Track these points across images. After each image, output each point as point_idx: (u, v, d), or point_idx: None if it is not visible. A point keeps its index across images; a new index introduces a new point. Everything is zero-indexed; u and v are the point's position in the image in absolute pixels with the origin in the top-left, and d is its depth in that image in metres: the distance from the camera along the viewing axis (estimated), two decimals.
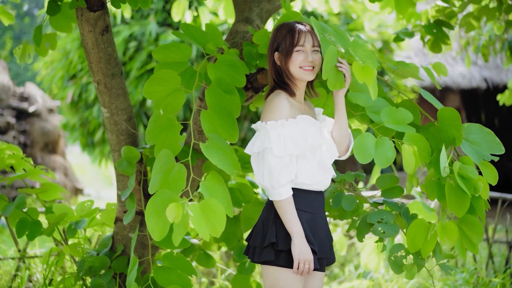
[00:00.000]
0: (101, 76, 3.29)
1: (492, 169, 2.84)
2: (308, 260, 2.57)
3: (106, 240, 3.72)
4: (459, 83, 10.78)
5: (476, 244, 2.86)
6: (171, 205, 2.40)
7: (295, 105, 2.70)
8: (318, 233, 2.70)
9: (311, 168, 2.65)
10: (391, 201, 3.19)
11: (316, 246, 2.64)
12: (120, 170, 3.31)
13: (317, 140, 2.63)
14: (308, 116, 2.67)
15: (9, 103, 11.24)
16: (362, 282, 5.35)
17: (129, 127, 3.43)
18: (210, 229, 2.49)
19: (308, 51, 2.69)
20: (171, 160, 2.61)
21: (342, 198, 3.18)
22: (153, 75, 2.84)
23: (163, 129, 2.80)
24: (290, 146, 2.58)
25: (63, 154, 12.06)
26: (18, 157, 3.87)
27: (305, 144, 2.60)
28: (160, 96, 2.84)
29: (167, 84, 2.83)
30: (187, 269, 3.19)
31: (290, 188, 2.60)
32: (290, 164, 2.59)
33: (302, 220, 2.64)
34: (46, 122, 11.59)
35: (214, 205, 2.49)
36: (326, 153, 2.67)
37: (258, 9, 3.56)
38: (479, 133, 2.89)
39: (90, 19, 3.13)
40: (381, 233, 3.02)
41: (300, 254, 2.57)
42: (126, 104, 3.41)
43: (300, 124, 2.63)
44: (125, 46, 8.40)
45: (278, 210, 2.62)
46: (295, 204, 2.62)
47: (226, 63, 2.96)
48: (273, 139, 2.58)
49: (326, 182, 2.74)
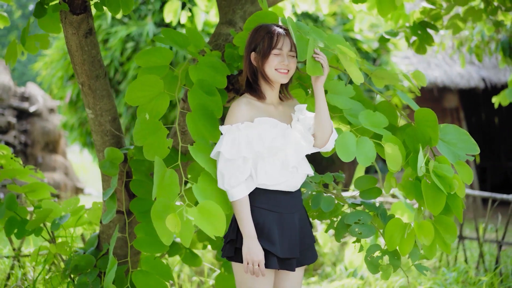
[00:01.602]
0: (85, 78, 3.34)
1: (467, 169, 2.88)
2: (257, 261, 2.62)
3: (93, 239, 3.77)
4: (457, 83, 10.78)
5: (449, 244, 2.90)
6: (169, 217, 2.48)
7: (261, 108, 2.76)
8: (287, 233, 2.73)
9: (271, 169, 2.69)
10: (368, 202, 3.23)
11: (276, 247, 2.67)
12: (103, 171, 3.36)
13: (276, 142, 2.67)
14: (269, 118, 2.71)
15: (10, 103, 11.33)
16: (352, 281, 5.39)
17: (112, 129, 3.48)
18: (212, 230, 2.56)
19: (285, 54, 2.74)
20: (162, 166, 2.67)
21: (321, 199, 3.22)
22: (134, 80, 2.90)
23: (149, 132, 2.87)
24: (244, 148, 2.64)
25: (63, 153, 12.14)
26: (7, 157, 3.93)
27: (262, 146, 2.66)
28: (144, 102, 2.91)
29: (150, 89, 2.89)
30: (165, 274, 3.28)
31: (243, 190, 2.66)
32: (242, 166, 2.65)
33: (269, 219, 2.69)
34: (47, 121, 11.67)
35: (211, 206, 2.57)
36: (290, 154, 2.71)
37: (241, 12, 3.61)
38: (454, 134, 2.93)
39: (74, 22, 3.18)
40: (358, 233, 3.07)
41: (248, 255, 2.62)
42: (110, 106, 3.46)
43: (257, 126, 2.68)
44: (123, 47, 8.46)
45: (233, 210, 2.69)
46: (261, 203, 2.70)
47: (207, 65, 3.01)
48: (225, 143, 2.66)
49: (292, 182, 2.76)
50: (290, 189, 2.78)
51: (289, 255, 2.72)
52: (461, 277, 5.30)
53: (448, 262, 5.90)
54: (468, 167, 2.88)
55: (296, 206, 2.81)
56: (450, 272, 5.43)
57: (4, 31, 27.84)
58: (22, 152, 11.26)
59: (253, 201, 2.71)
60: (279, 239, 2.71)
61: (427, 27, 4.17)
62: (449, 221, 2.86)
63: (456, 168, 2.87)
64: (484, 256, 5.68)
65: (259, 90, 2.78)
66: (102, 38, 8.81)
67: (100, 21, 8.83)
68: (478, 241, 5.64)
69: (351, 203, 3.26)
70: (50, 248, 3.76)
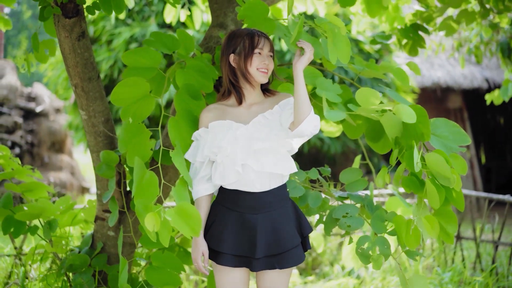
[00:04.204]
0: (78, 80, 3.41)
1: (461, 160, 2.90)
2: (194, 258, 2.84)
3: (87, 238, 3.84)
4: (460, 83, 10.79)
5: (451, 235, 2.94)
6: (148, 216, 2.53)
7: (227, 111, 2.86)
8: (245, 232, 2.80)
9: (224, 170, 2.80)
10: (355, 194, 3.30)
11: (223, 244, 2.79)
12: (100, 174, 3.43)
13: (223, 142, 2.77)
14: (225, 121, 2.81)
15: (16, 103, 11.44)
16: (348, 281, 5.44)
17: (105, 130, 3.54)
18: (189, 230, 2.60)
19: (265, 55, 2.83)
20: (142, 168, 2.71)
21: (308, 196, 3.28)
22: (120, 81, 2.94)
23: (133, 135, 2.94)
24: (199, 153, 2.82)
25: (70, 153, 12.24)
26: (6, 157, 4.00)
27: (213, 148, 2.78)
28: (128, 103, 2.96)
29: (135, 90, 2.94)
30: (176, 266, 3.35)
31: (199, 190, 2.86)
32: (198, 169, 2.86)
33: (224, 217, 2.83)
34: (53, 121, 11.77)
35: (188, 208, 2.60)
36: (238, 152, 2.77)
37: (232, 15, 3.66)
38: (445, 127, 2.96)
39: (66, 25, 3.24)
40: (347, 226, 3.13)
41: (191, 253, 2.85)
42: (103, 107, 3.52)
43: (211, 130, 2.83)
44: (126, 47, 8.55)
45: None
46: (224, 201, 2.84)
47: (194, 69, 3.07)
48: (189, 149, 2.87)
49: (248, 182, 2.80)
50: (250, 189, 2.80)
51: (240, 253, 2.79)
52: (457, 277, 5.33)
53: (446, 262, 5.93)
54: (462, 159, 2.90)
55: (264, 207, 2.82)
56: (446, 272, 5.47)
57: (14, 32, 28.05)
58: (28, 152, 11.37)
59: (218, 198, 2.88)
60: (231, 236, 2.79)
61: (418, 30, 4.21)
62: (449, 211, 2.91)
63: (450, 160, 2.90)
64: (481, 256, 5.71)
65: (240, 91, 2.86)
66: (106, 39, 8.91)
67: (104, 22, 8.92)
68: (475, 241, 5.68)
69: (338, 196, 3.31)
70: (46, 247, 3.83)
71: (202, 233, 2.85)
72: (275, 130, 2.79)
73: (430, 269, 5.89)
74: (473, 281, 5.10)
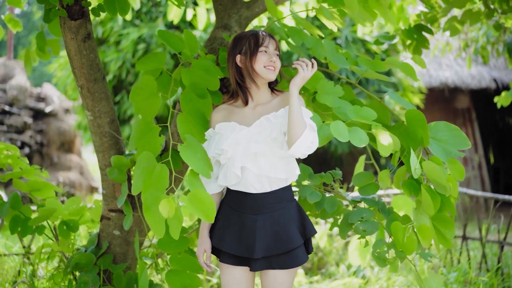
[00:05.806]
0: (84, 81, 3.45)
1: (459, 166, 2.92)
2: (197, 255, 2.96)
3: (93, 237, 3.88)
4: (468, 84, 10.76)
5: (449, 240, 2.95)
6: (163, 202, 2.53)
7: (234, 112, 2.91)
8: (244, 232, 2.85)
9: (226, 172, 2.85)
10: (368, 198, 3.31)
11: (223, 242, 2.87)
12: (112, 178, 3.47)
13: (224, 145, 2.80)
14: (231, 123, 2.85)
15: (26, 103, 11.52)
16: (353, 280, 5.45)
17: (111, 130, 3.58)
18: (203, 216, 2.61)
19: (271, 53, 2.87)
20: (152, 161, 2.74)
21: (324, 201, 3.31)
22: (136, 83, 3.05)
23: (143, 133, 2.98)
24: (209, 152, 2.86)
25: (79, 153, 12.31)
26: (14, 157, 4.05)
27: (217, 150, 2.83)
28: (139, 101, 3.03)
29: (145, 89, 3.02)
30: (195, 267, 3.39)
31: (208, 189, 2.92)
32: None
33: (228, 217, 2.90)
34: (62, 122, 11.85)
35: (201, 194, 2.61)
36: (238, 154, 2.81)
37: (237, 16, 3.70)
38: (445, 130, 2.96)
39: (72, 27, 3.28)
40: (363, 231, 3.15)
41: (196, 250, 2.96)
42: (108, 108, 3.56)
43: (218, 132, 2.88)
44: (134, 48, 8.60)
45: None
46: (229, 201, 2.91)
47: (200, 68, 3.10)
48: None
49: (248, 183, 2.84)
50: (249, 190, 2.85)
51: (238, 253, 2.84)
52: (462, 277, 5.34)
53: (452, 262, 5.93)
54: (460, 164, 2.92)
55: (264, 208, 2.85)
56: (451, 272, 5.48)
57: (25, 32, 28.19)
58: (38, 151, 11.45)
59: (225, 198, 2.95)
60: (231, 236, 2.85)
61: (422, 30, 4.21)
62: (446, 217, 2.92)
63: (448, 166, 2.90)
64: (486, 257, 5.72)
65: (246, 91, 2.89)
66: (114, 40, 8.96)
67: (112, 23, 8.97)
68: (481, 242, 5.68)
69: (351, 200, 3.34)
70: (53, 246, 3.88)
71: (207, 231, 2.94)
72: (274, 133, 2.79)
73: (435, 269, 5.90)
74: (479, 281, 5.10)
